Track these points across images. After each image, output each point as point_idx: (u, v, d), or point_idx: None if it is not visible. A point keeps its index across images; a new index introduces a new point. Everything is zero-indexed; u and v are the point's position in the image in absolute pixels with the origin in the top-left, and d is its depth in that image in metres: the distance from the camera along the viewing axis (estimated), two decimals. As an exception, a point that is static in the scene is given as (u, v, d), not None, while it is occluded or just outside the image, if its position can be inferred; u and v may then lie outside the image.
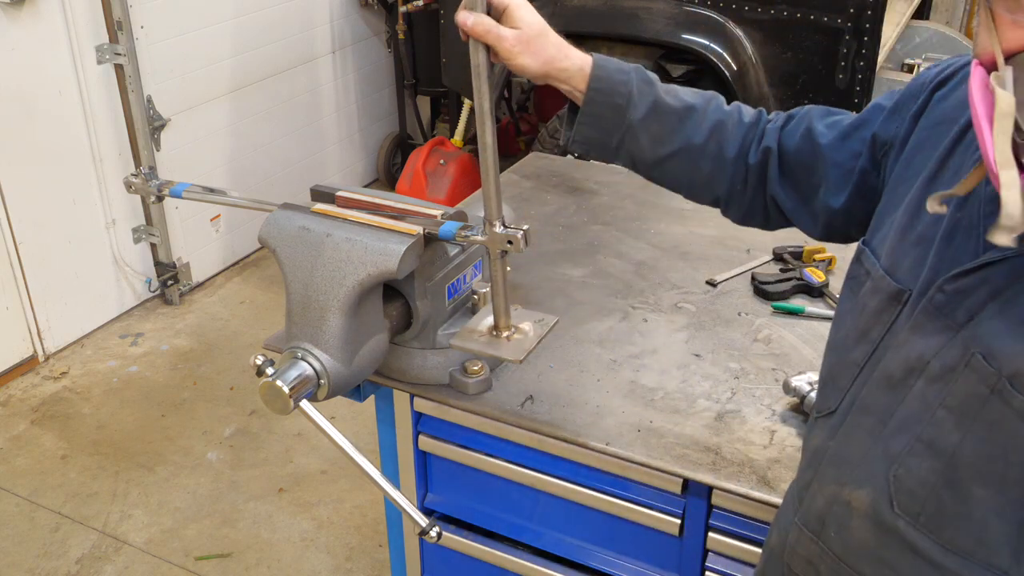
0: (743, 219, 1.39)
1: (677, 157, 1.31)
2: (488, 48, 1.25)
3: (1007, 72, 0.83)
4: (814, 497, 1.09)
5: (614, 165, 1.44)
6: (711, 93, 1.35)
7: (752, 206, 1.34)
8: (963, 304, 0.93)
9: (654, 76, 1.33)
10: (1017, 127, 0.83)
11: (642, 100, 1.29)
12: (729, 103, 1.35)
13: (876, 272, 1.06)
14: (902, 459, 0.97)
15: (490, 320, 1.45)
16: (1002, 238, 0.85)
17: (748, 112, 1.33)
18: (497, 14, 1.26)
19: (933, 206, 0.91)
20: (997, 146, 0.83)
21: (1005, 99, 0.82)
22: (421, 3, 4.45)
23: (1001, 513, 0.91)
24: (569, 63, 1.28)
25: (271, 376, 1.35)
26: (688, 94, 1.33)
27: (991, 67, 0.86)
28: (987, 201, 0.93)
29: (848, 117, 1.25)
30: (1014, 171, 0.82)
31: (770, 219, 1.36)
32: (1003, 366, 0.88)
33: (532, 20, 1.26)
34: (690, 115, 1.30)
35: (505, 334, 1.44)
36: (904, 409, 0.98)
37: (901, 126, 1.13)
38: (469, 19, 1.23)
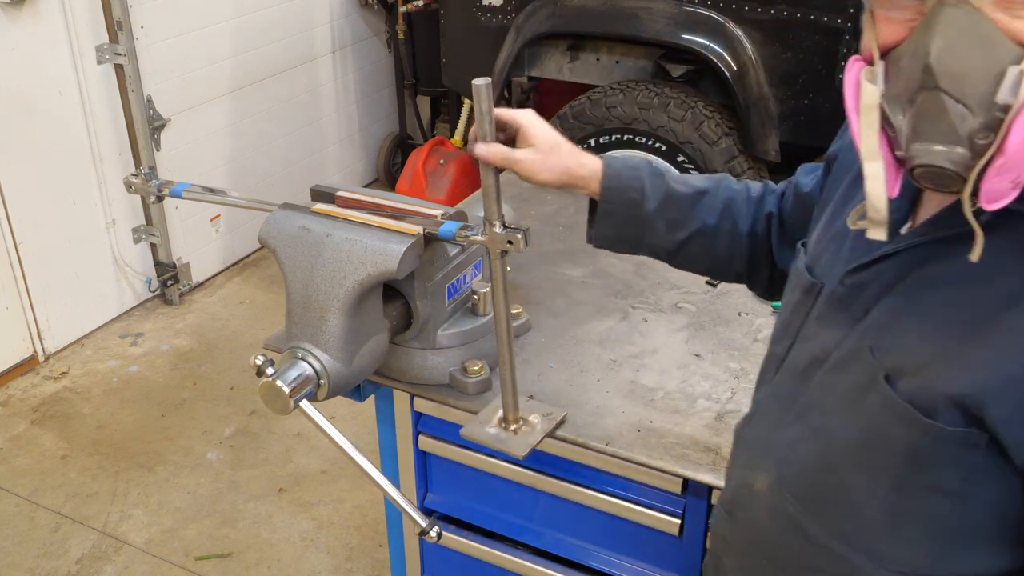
0: (767, 292, 1.44)
1: (694, 240, 1.35)
2: (499, 170, 1.30)
3: (879, 67, 0.85)
4: (729, 479, 1.16)
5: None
6: (720, 175, 1.40)
7: (772, 277, 1.39)
8: (860, 298, 0.96)
9: (665, 166, 1.38)
10: (887, 120, 0.84)
11: (654, 192, 1.33)
12: (739, 182, 1.41)
13: (799, 267, 1.10)
14: (795, 445, 1.01)
15: (501, 412, 1.46)
16: (875, 232, 0.88)
17: (755, 187, 1.38)
18: (511, 133, 1.33)
19: (853, 222, 0.93)
20: (863, 138, 0.85)
21: (869, 92, 0.84)
22: (421, 3, 4.44)
23: (874, 501, 0.93)
24: (584, 170, 1.33)
25: (271, 376, 1.35)
26: (699, 180, 1.38)
27: (870, 64, 0.88)
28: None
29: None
30: (879, 163, 0.84)
31: None
32: (884, 360, 0.91)
33: (545, 136, 1.32)
34: (701, 199, 1.35)
35: (513, 427, 1.46)
36: (805, 398, 1.01)
37: (844, 137, 1.18)
38: (483, 150, 1.28)
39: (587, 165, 1.33)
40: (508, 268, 1.40)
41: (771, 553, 1.06)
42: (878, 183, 0.85)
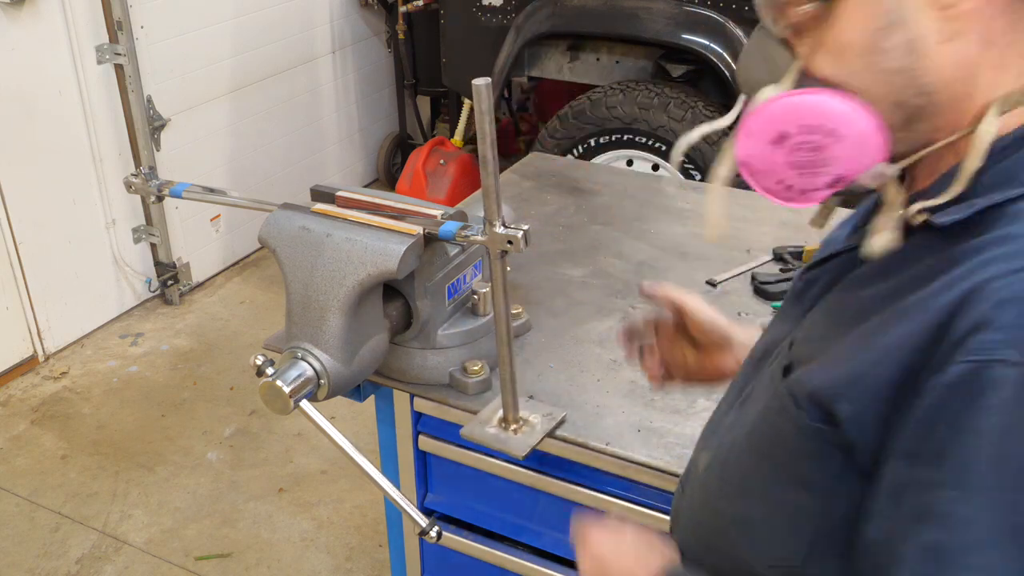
0: None
1: None
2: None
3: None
4: (689, 457, 1.19)
5: (614, 165, 1.45)
6: None
7: None
8: (808, 294, 1.00)
9: None
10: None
11: None
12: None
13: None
14: (730, 429, 1.04)
15: (501, 412, 1.46)
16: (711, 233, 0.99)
17: None
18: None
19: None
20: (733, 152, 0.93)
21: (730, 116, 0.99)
22: (421, 3, 4.45)
23: (758, 488, 0.95)
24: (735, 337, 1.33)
25: (271, 376, 1.35)
26: None
27: None
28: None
29: None
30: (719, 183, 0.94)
31: None
32: (793, 353, 0.94)
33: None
34: None
35: (513, 427, 1.46)
36: (750, 387, 1.04)
37: None
38: (658, 285, 1.32)
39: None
40: (508, 268, 1.40)
41: (698, 531, 1.08)
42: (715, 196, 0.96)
